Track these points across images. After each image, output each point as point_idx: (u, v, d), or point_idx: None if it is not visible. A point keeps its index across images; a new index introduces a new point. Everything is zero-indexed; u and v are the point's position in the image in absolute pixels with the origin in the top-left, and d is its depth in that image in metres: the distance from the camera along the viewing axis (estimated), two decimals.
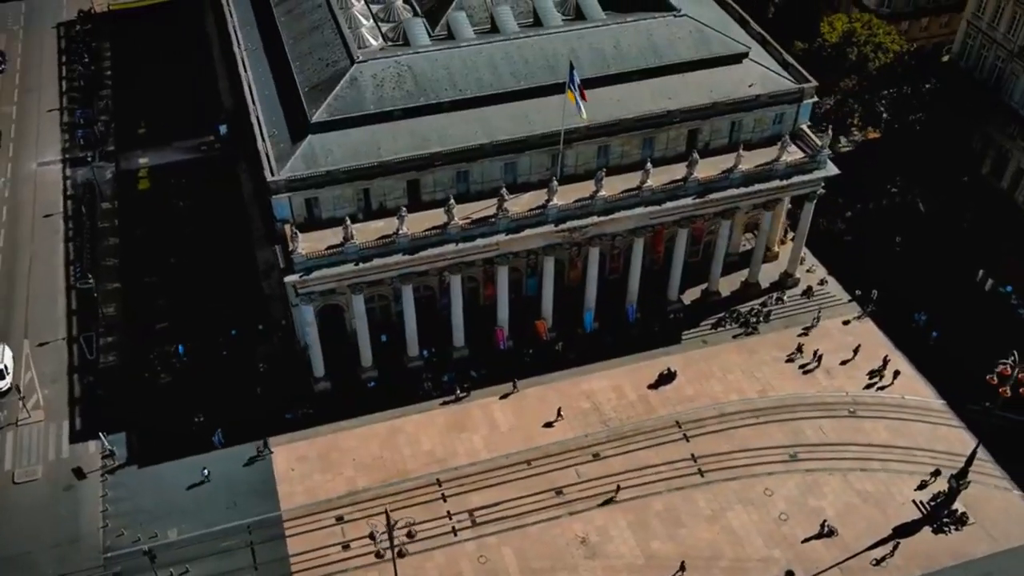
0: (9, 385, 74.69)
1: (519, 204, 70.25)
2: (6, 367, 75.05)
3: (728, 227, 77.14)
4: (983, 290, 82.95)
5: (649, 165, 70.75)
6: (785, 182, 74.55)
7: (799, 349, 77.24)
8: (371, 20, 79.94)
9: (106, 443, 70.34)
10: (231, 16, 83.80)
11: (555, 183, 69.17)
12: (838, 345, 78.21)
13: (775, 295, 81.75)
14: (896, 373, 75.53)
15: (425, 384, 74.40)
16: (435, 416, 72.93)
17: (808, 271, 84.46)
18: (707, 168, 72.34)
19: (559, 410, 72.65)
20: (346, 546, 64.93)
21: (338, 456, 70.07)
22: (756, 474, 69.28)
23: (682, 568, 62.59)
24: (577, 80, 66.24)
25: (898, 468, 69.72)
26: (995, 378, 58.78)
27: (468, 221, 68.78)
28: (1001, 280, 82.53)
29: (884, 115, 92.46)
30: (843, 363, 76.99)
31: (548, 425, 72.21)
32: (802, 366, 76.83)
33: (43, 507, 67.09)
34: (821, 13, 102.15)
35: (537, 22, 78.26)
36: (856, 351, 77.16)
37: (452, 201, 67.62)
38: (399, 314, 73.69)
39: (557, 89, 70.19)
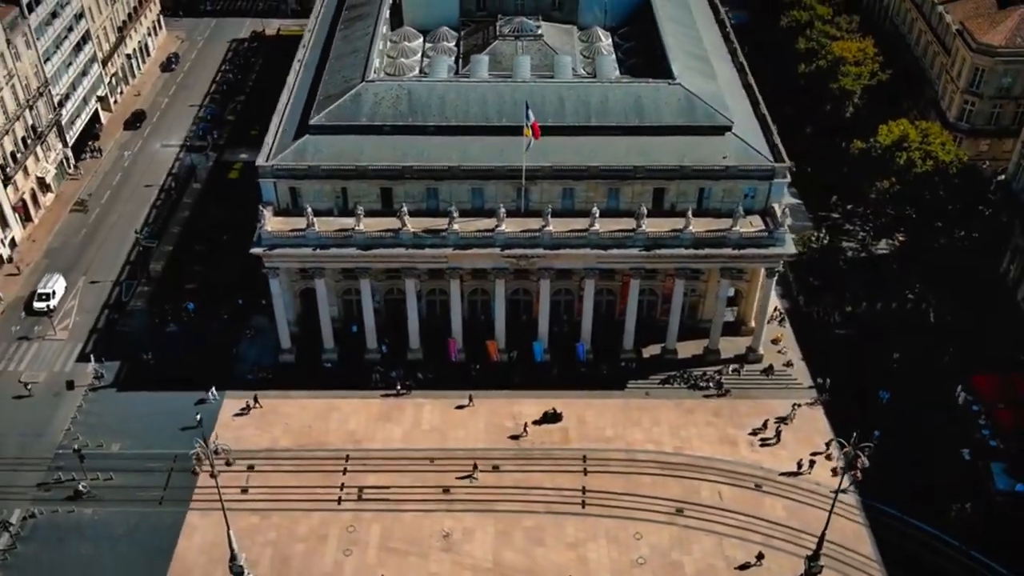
0: (53, 307, 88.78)
1: (474, 225, 76.61)
2: (54, 292, 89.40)
3: (682, 286, 79.74)
4: (956, 403, 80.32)
5: (595, 210, 75.36)
6: (738, 252, 76.57)
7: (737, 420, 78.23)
8: (418, 55, 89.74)
9: (97, 367, 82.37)
10: (310, 34, 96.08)
11: (502, 211, 75.37)
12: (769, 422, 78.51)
13: (733, 366, 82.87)
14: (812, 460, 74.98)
15: (374, 375, 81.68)
16: (371, 404, 79.98)
17: (779, 352, 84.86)
18: (669, 227, 75.76)
19: (525, 425, 77.14)
20: (244, 490, 72.94)
21: (274, 418, 78.60)
22: (635, 518, 71.20)
23: None
24: (531, 119, 72.48)
25: (778, 545, 69.42)
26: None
27: (420, 230, 75.92)
28: (973, 397, 79.78)
29: (912, 218, 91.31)
30: (774, 441, 77.07)
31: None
32: (731, 435, 77.61)
33: (30, 404, 79.86)
34: (887, 117, 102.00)
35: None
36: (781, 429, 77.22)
37: (404, 208, 75.34)
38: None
39: (540, 130, 76.44)
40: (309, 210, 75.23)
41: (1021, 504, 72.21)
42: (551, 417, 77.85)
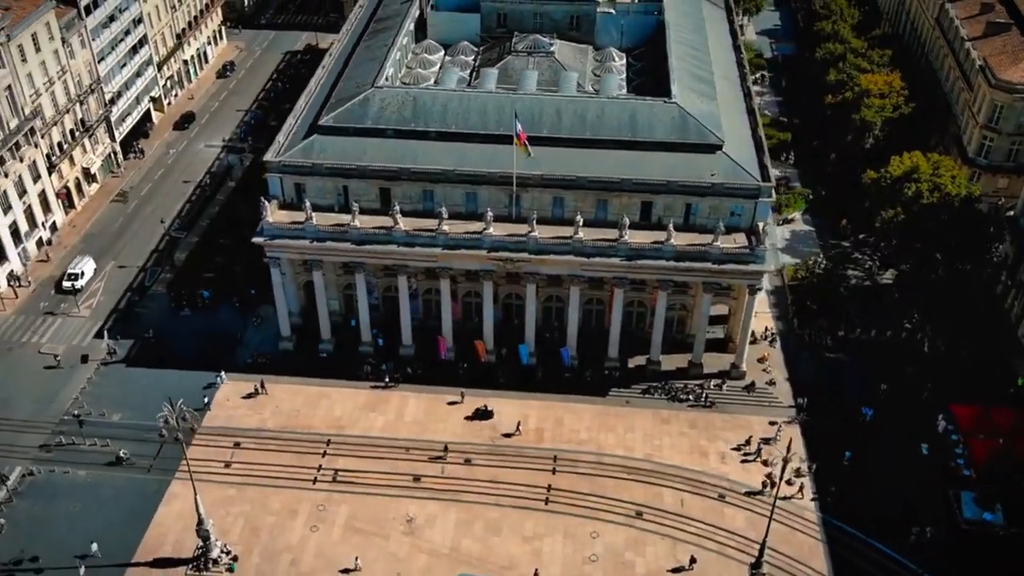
0: (80, 287, 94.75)
1: (465, 228, 79.87)
2: (82, 273, 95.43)
3: (665, 298, 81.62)
4: (936, 431, 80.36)
5: (579, 218, 77.99)
6: (719, 267, 78.26)
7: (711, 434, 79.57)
8: (436, 67, 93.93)
9: (111, 344, 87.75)
10: (339, 44, 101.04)
11: (490, 215, 78.44)
12: (754, 436, 79.45)
13: (715, 381, 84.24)
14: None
15: (365, 367, 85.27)
16: (360, 394, 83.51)
17: (764, 370, 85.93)
18: (652, 239, 78.09)
19: (519, 424, 79.77)
20: (227, 464, 77.05)
21: (265, 400, 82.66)
22: (594, 518, 72.99)
23: None
24: (519, 129, 75.72)
25: (733, 555, 70.46)
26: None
27: (413, 229, 79.50)
28: (952, 426, 79.75)
29: (914, 248, 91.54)
30: (754, 459, 78.00)
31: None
32: (703, 447, 78.97)
33: (46, 373, 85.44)
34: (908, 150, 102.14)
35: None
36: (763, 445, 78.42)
37: (397, 207, 79.07)
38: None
39: (534, 140, 79.70)
40: (308, 204, 79.41)
41: (987, 534, 71.94)
42: (483, 414, 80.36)
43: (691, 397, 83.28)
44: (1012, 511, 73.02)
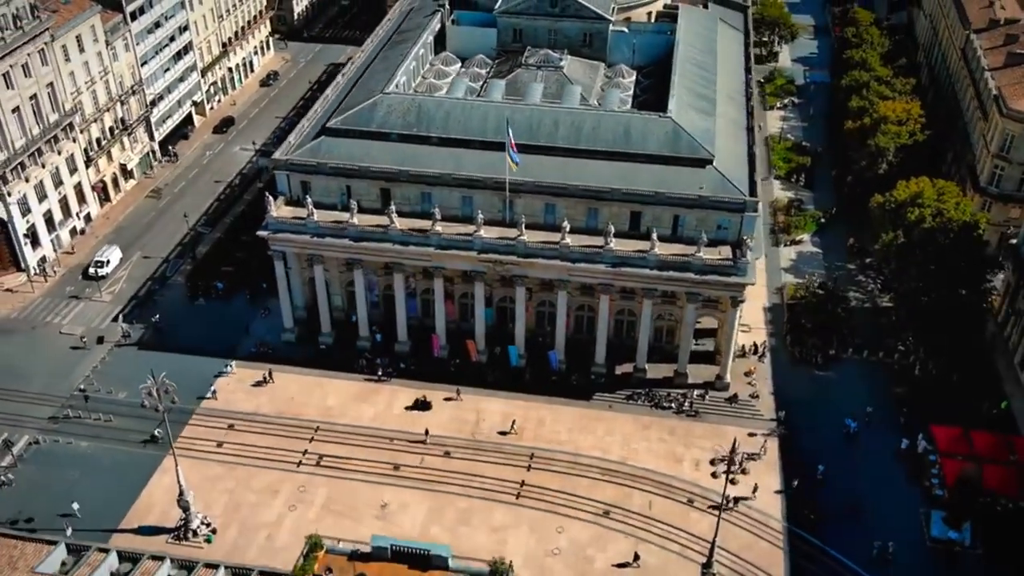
0: (105, 274, 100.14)
1: (459, 229, 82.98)
2: (108, 261, 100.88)
3: (650, 306, 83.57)
4: (915, 452, 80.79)
5: (566, 224, 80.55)
6: (700, 277, 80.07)
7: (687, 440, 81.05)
8: (450, 78, 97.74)
9: (126, 327, 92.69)
10: (362, 53, 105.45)
11: (481, 217, 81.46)
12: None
13: (699, 391, 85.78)
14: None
15: (361, 361, 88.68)
16: (353, 385, 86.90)
17: (749, 383, 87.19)
18: (636, 248, 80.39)
19: (513, 422, 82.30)
20: (220, 444, 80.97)
21: (264, 387, 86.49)
22: (562, 514, 75.05)
23: None
24: (511, 138, 78.76)
25: (693, 557, 71.85)
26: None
27: (409, 229, 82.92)
28: (932, 446, 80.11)
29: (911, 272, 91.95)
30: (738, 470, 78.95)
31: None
32: (678, 453, 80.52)
33: (63, 351, 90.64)
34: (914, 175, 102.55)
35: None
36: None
37: (393, 207, 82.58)
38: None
39: (531, 149, 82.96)
40: (310, 201, 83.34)
41: (950, 552, 72.31)
42: (420, 405, 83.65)
43: (674, 405, 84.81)
44: (980, 531, 73.08)
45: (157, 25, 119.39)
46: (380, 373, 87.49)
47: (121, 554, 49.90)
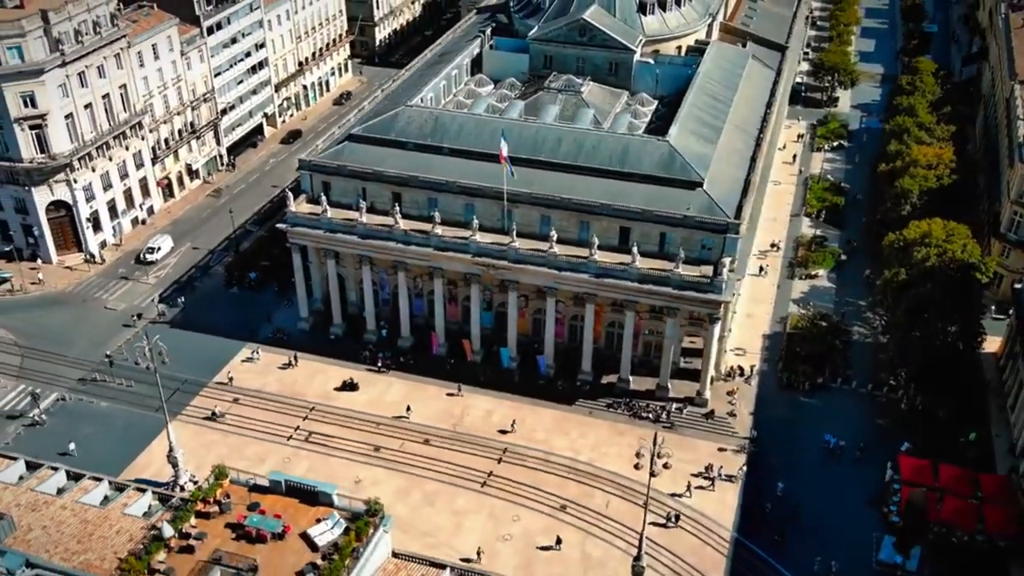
0: (154, 259, 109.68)
1: (457, 233, 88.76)
2: (159, 248, 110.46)
3: (632, 318, 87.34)
4: (883, 480, 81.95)
5: (553, 233, 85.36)
6: (678, 292, 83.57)
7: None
8: (479, 98, 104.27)
9: (162, 307, 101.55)
10: (407, 72, 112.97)
11: (476, 222, 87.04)
12: (696, 458, 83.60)
13: (678, 405, 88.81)
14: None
15: (365, 352, 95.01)
16: (353, 374, 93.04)
17: (730, 402, 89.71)
18: (618, 260, 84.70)
19: (513, 422, 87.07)
20: (223, 415, 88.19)
21: (273, 369, 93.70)
22: (521, 504, 79.16)
23: None
24: (504, 150, 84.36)
25: (633, 552, 74.85)
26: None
27: (411, 230, 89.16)
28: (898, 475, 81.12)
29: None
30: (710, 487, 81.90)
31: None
32: (646, 460, 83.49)
33: (105, 322, 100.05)
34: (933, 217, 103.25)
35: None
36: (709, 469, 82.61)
37: (398, 208, 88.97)
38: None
39: (532, 163, 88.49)
40: (324, 199, 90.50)
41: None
42: (348, 386, 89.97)
43: (651, 416, 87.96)
44: (929, 560, 73.93)
45: (233, 40, 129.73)
46: (380, 364, 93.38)
47: (68, 472, 56.64)
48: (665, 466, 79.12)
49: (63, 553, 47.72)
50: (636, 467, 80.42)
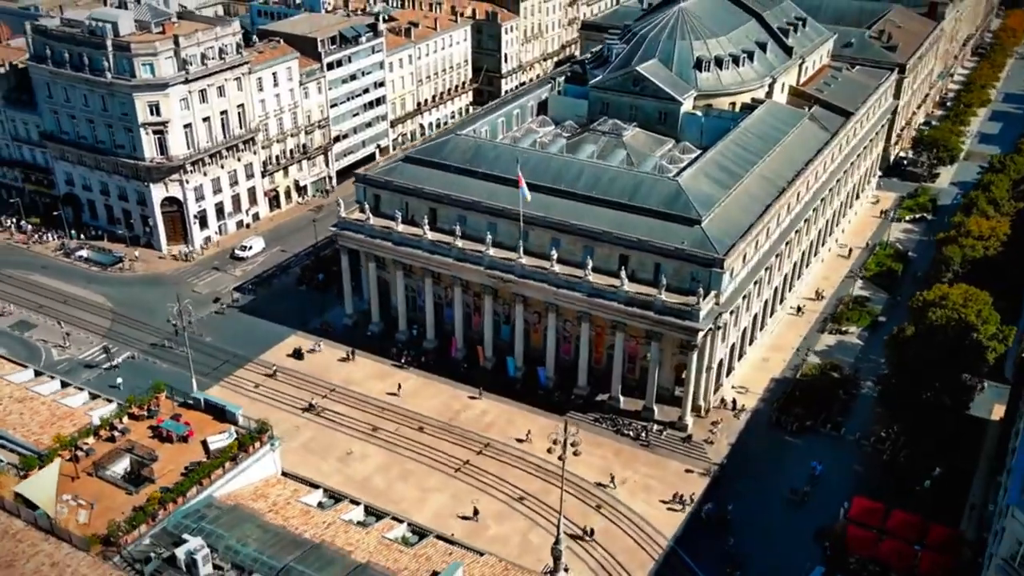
0: (244, 256, 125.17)
1: (475, 247, 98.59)
2: (251, 247, 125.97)
3: (622, 339, 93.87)
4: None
5: (554, 253, 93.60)
6: (659, 317, 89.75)
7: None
8: (531, 134, 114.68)
9: (236, 295, 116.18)
10: (482, 109, 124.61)
11: (489, 239, 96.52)
12: (661, 475, 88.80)
13: (658, 427, 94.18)
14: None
15: (393, 349, 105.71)
16: (378, 366, 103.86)
17: (711, 431, 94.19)
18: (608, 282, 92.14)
19: (528, 432, 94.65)
20: (257, 385, 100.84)
21: (310, 355, 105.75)
22: (484, 491, 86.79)
23: None
24: (520, 175, 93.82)
25: (573, 547, 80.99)
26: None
27: (437, 239, 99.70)
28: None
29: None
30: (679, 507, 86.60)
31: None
32: (611, 470, 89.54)
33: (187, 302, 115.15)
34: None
35: None
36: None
37: (426, 220, 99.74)
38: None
39: (553, 191, 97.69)
40: (368, 208, 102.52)
41: None
42: (295, 354, 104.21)
43: (631, 434, 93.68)
44: None
45: (353, 77, 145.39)
46: (403, 360, 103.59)
47: (63, 382, 69.48)
48: (576, 453, 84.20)
49: (24, 431, 60.15)
50: (549, 451, 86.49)
